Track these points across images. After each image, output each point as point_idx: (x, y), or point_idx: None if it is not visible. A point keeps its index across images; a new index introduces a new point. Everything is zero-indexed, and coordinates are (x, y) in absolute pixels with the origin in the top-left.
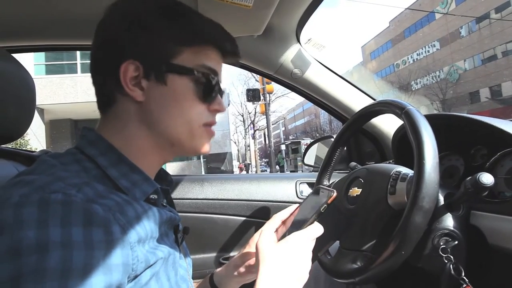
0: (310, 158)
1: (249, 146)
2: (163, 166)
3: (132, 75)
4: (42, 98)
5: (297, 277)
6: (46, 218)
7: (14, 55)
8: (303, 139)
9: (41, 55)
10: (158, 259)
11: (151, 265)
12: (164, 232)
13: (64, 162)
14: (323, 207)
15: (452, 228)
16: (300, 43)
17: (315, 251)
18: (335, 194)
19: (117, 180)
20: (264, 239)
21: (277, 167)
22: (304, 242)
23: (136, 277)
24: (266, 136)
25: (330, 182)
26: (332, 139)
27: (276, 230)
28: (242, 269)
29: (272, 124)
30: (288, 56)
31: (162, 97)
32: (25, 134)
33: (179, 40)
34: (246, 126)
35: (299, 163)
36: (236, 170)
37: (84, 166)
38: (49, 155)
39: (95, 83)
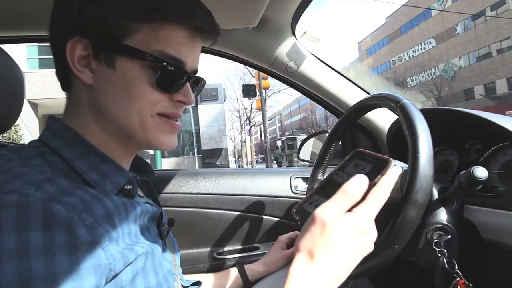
0: (305, 153)
1: (245, 142)
2: (158, 162)
3: (80, 54)
4: (36, 92)
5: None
6: None
7: (3, 46)
8: (299, 135)
9: (34, 49)
10: (139, 255)
11: (131, 262)
12: (145, 227)
13: (25, 157)
14: (377, 178)
15: (445, 222)
16: (295, 36)
17: None
18: (392, 163)
19: (84, 174)
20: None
21: (274, 162)
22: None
23: (115, 276)
24: (262, 132)
25: (324, 177)
26: (327, 134)
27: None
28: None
29: (268, 120)
30: (283, 49)
31: (111, 83)
32: (18, 129)
33: (133, 15)
34: (242, 122)
35: (295, 159)
36: (232, 165)
37: (49, 160)
38: (8, 149)
39: (54, 62)
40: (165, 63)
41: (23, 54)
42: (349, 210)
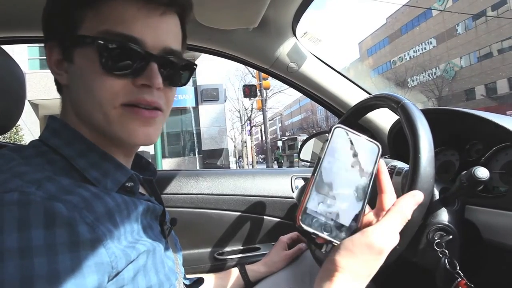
0: (306, 154)
1: (245, 142)
2: (159, 162)
3: (57, 57)
4: (37, 93)
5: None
6: (0, 222)
7: (4, 46)
8: (300, 135)
9: (35, 49)
10: (140, 253)
11: (133, 260)
12: (147, 224)
13: (25, 156)
14: (375, 169)
15: (447, 223)
16: (296, 37)
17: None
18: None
19: (85, 172)
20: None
21: (275, 163)
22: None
23: (117, 274)
24: (263, 132)
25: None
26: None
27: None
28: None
29: (269, 120)
30: (284, 49)
31: (75, 78)
32: (19, 130)
33: (76, 2)
34: (243, 122)
35: (296, 159)
36: (233, 166)
37: (49, 159)
38: (9, 148)
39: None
40: (110, 43)
41: (24, 55)
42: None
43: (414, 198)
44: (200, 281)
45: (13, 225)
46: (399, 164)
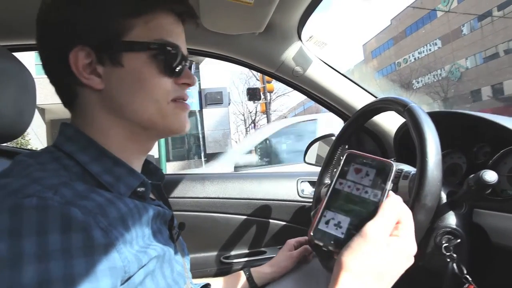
0: (311, 157)
1: None
2: (163, 166)
3: (84, 62)
4: (43, 97)
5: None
6: (19, 226)
7: (15, 54)
8: None
9: None
10: (152, 258)
11: (144, 265)
12: (157, 229)
13: (42, 161)
14: (389, 185)
15: (454, 226)
16: (301, 41)
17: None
18: (394, 166)
19: (99, 176)
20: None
21: None
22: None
23: (129, 278)
24: None
25: (324, 187)
26: (333, 137)
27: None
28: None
29: None
30: (290, 53)
31: (122, 80)
32: (26, 134)
33: (124, 11)
34: (247, 125)
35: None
36: None
37: (64, 164)
38: (25, 154)
39: (51, 82)
40: (169, 48)
41: (31, 60)
42: None
43: (398, 199)
44: (207, 286)
45: (32, 229)
46: (406, 167)
